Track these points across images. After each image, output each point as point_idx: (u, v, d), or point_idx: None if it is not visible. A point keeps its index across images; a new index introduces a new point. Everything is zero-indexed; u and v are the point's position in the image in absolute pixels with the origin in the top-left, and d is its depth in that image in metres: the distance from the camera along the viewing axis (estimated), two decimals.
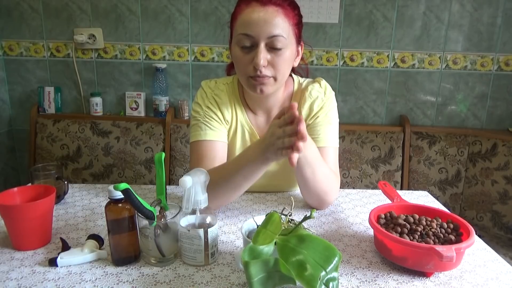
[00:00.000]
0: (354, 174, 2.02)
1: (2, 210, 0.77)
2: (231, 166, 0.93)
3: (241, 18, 0.93)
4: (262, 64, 0.91)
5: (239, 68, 0.97)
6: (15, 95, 2.17)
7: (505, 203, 1.90)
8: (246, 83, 0.98)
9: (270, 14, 0.90)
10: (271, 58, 0.92)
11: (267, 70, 0.93)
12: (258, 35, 0.90)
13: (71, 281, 0.69)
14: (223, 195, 0.93)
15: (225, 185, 0.91)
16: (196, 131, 1.05)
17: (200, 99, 1.08)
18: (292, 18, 0.94)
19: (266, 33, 0.90)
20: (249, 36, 0.91)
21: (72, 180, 2.03)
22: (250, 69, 0.94)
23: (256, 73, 0.93)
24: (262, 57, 0.91)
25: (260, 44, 0.91)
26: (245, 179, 0.90)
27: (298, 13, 0.97)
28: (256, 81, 0.95)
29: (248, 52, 0.93)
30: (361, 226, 0.94)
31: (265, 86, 0.95)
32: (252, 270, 0.59)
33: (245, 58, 0.94)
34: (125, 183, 0.67)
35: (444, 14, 2.00)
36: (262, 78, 0.93)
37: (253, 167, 0.87)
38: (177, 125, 2.02)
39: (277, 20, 0.90)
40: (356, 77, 2.10)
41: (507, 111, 2.11)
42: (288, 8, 0.93)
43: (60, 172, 1.03)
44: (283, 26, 0.91)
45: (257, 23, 0.90)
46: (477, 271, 0.76)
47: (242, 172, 0.89)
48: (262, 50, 0.91)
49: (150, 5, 2.03)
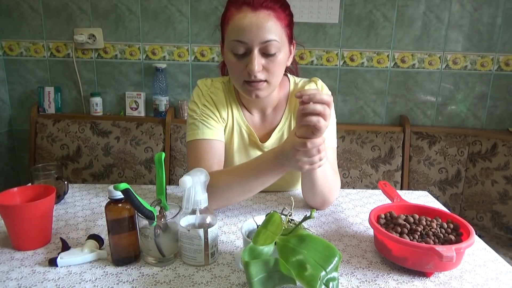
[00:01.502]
0: (354, 174, 2.02)
1: (2, 210, 0.77)
2: (247, 171, 0.93)
3: (233, 23, 0.91)
4: (256, 70, 0.91)
5: (233, 74, 0.97)
6: (15, 95, 2.17)
7: (505, 203, 1.90)
8: (241, 88, 0.98)
9: (262, 19, 0.89)
10: (266, 63, 0.92)
11: (261, 75, 0.93)
12: (252, 41, 0.89)
13: (71, 281, 0.69)
14: (234, 198, 0.96)
15: (238, 189, 0.93)
16: (193, 130, 1.04)
17: (196, 98, 1.07)
18: (283, 19, 0.93)
19: (259, 39, 0.89)
20: (242, 42, 0.90)
21: (72, 180, 2.03)
22: (244, 74, 0.93)
23: (251, 78, 0.93)
24: (257, 63, 0.90)
25: (253, 50, 0.90)
26: (261, 184, 0.92)
27: (289, 13, 0.96)
28: (251, 87, 0.94)
29: (241, 58, 0.93)
30: (361, 226, 0.94)
31: (260, 91, 0.95)
32: (252, 270, 0.59)
33: (239, 64, 0.93)
34: (125, 183, 0.67)
35: (444, 14, 2.00)
36: (256, 83, 0.93)
37: (270, 174, 0.90)
38: (177, 125, 2.02)
39: (270, 24, 0.89)
40: (356, 77, 2.10)
41: (507, 111, 2.11)
42: (279, 10, 0.92)
43: (60, 172, 1.03)
44: (275, 30, 0.90)
45: (250, 29, 0.89)
46: (477, 271, 0.76)
47: (259, 177, 0.91)
48: (256, 56, 0.90)
49: (150, 5, 2.03)
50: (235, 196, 0.95)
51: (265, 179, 0.91)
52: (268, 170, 0.90)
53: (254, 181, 0.92)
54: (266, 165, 0.90)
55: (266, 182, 0.92)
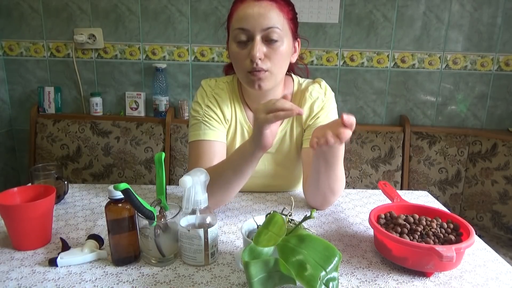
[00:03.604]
0: (354, 174, 2.02)
1: (2, 210, 0.77)
2: (223, 163, 0.95)
3: (237, 14, 0.95)
4: (258, 56, 0.92)
5: (237, 63, 0.98)
6: (15, 95, 2.17)
7: (505, 203, 1.90)
8: (244, 79, 0.98)
9: (265, 8, 0.92)
10: (268, 51, 0.93)
11: (263, 64, 0.94)
12: (254, 28, 0.92)
13: (71, 281, 0.69)
14: (216, 193, 0.92)
15: (217, 182, 0.90)
16: (195, 130, 1.05)
17: (200, 98, 1.08)
18: (286, 12, 0.96)
19: (261, 26, 0.92)
20: (245, 30, 0.93)
21: (72, 180, 2.03)
22: (247, 63, 0.94)
23: (253, 66, 0.93)
24: (258, 49, 0.92)
25: (256, 37, 0.92)
26: (234, 173, 0.90)
27: (292, 9, 0.99)
28: (254, 76, 0.95)
29: (244, 47, 0.95)
30: (361, 226, 0.94)
31: (263, 82, 0.96)
32: (252, 270, 0.59)
33: (242, 53, 0.95)
34: (125, 183, 0.67)
35: (444, 14, 2.00)
36: (259, 72, 0.94)
37: (242, 161, 0.88)
38: (177, 125, 2.02)
39: (272, 13, 0.92)
40: (356, 77, 2.10)
41: (507, 111, 2.11)
42: (282, 2, 0.95)
43: (60, 172, 1.03)
44: (277, 18, 0.93)
45: (252, 16, 0.92)
46: (477, 271, 0.76)
47: (231, 166, 0.90)
48: (258, 42, 0.92)
49: (150, 5, 2.03)
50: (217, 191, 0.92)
51: (237, 165, 0.89)
52: (239, 155, 0.89)
53: (228, 170, 0.91)
54: (236, 151, 0.91)
55: (239, 170, 0.89)
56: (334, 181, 0.94)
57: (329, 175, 0.93)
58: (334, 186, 0.96)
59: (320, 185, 0.95)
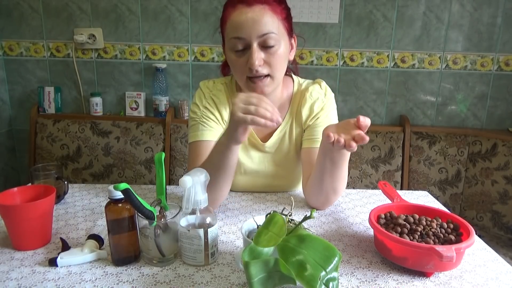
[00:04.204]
0: (354, 174, 2.02)
1: (2, 210, 0.77)
2: (205, 161, 0.94)
3: (230, 21, 0.93)
4: (257, 64, 0.91)
5: (236, 72, 0.98)
6: (15, 95, 2.17)
7: (505, 203, 1.90)
8: (245, 85, 0.98)
9: (258, 13, 0.90)
10: (266, 57, 0.93)
11: (263, 69, 0.93)
12: (249, 36, 0.91)
13: (71, 281, 0.69)
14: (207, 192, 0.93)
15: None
16: (193, 131, 1.05)
17: (198, 100, 1.08)
18: (279, 13, 0.93)
19: (257, 32, 0.90)
20: (241, 38, 0.91)
21: (72, 180, 2.03)
22: (246, 70, 0.94)
23: (253, 73, 0.93)
24: (256, 57, 0.91)
25: (252, 44, 0.91)
26: (216, 169, 0.89)
27: (285, 6, 0.97)
28: (255, 84, 0.95)
29: (242, 55, 0.94)
30: (361, 226, 0.94)
31: (265, 87, 0.96)
32: (252, 270, 0.59)
33: (240, 61, 0.94)
34: (125, 183, 0.67)
35: (444, 14, 2.00)
36: (260, 79, 0.94)
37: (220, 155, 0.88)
38: (177, 125, 2.02)
39: (265, 17, 0.90)
40: (356, 77, 2.10)
41: (507, 111, 2.11)
42: (274, 3, 0.93)
43: (60, 172, 1.03)
44: (272, 22, 0.91)
45: (246, 24, 0.90)
46: (477, 271, 0.76)
47: (212, 163, 0.90)
48: (256, 50, 0.91)
49: (150, 5, 2.03)
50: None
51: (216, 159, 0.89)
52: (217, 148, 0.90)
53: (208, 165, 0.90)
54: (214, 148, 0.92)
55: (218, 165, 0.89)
56: (338, 181, 0.94)
57: (334, 175, 0.92)
58: (337, 186, 0.96)
59: (323, 185, 0.95)
